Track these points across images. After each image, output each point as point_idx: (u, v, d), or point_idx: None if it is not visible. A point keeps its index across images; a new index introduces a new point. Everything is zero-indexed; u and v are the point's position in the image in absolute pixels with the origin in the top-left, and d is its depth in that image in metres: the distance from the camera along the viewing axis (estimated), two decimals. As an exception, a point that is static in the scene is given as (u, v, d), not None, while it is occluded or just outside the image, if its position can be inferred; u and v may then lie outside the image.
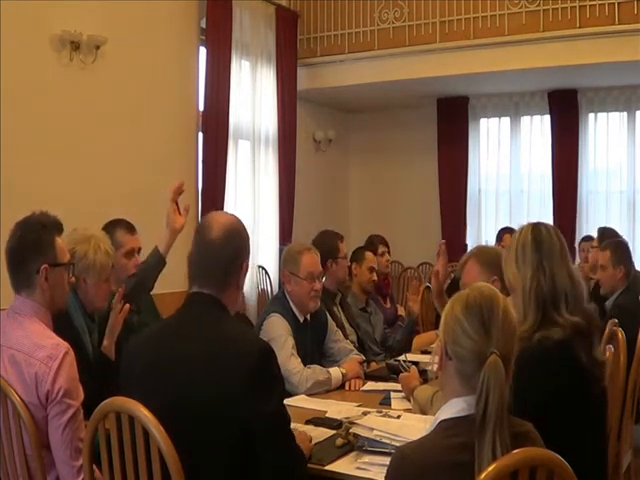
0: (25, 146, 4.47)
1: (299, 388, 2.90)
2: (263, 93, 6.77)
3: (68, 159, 4.78)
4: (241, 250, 1.91)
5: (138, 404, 1.62)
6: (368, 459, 2.01)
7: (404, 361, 3.14)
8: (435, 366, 1.60)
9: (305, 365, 2.99)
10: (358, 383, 3.07)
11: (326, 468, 2.00)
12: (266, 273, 6.83)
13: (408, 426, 2.13)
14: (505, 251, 2.06)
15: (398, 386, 2.86)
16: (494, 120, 8.07)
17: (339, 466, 2.01)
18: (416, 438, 1.56)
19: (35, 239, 2.08)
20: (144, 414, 1.60)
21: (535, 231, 2.02)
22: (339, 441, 2.14)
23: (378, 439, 2.04)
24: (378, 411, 2.48)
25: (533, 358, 1.73)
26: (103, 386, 2.01)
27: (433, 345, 2.54)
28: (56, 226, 2.15)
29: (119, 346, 2.51)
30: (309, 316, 3.26)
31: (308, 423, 2.36)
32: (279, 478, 1.77)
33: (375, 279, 4.26)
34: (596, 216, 7.47)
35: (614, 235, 4.66)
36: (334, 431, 2.24)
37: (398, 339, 4.13)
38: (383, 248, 4.87)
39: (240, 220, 1.98)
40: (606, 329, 2.97)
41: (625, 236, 5.30)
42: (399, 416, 2.35)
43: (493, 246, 4.29)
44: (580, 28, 5.93)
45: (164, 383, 1.74)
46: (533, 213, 7.74)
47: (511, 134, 7.93)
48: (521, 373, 1.51)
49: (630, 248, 4.08)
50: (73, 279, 2.25)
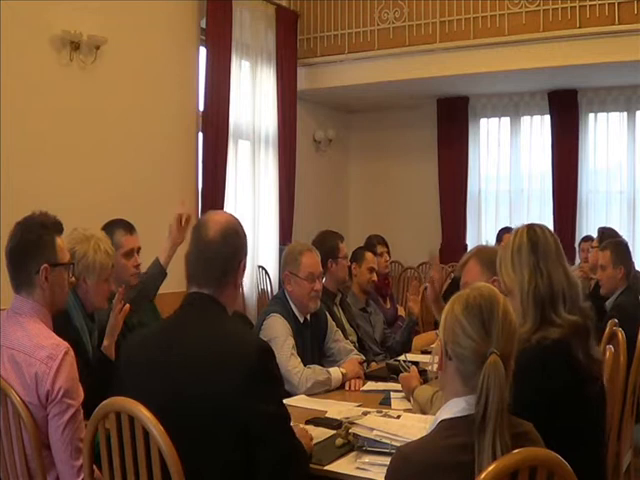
0: (25, 146, 4.47)
1: (299, 388, 2.90)
2: (263, 93, 6.77)
3: (68, 159, 4.79)
4: (238, 249, 1.90)
5: (138, 404, 1.62)
6: (368, 459, 2.00)
7: (404, 361, 3.14)
8: (435, 366, 1.60)
9: (305, 365, 2.99)
10: (358, 383, 3.06)
11: (326, 468, 2.00)
12: (266, 273, 6.83)
13: (408, 426, 2.13)
14: (500, 254, 2.05)
15: (398, 386, 2.86)
16: (494, 120, 8.07)
17: (339, 466, 2.01)
18: (416, 438, 1.56)
19: (35, 239, 2.08)
20: (144, 414, 1.60)
21: (530, 233, 2.02)
22: (339, 441, 2.14)
23: (378, 439, 2.04)
24: (378, 411, 2.48)
25: (532, 358, 1.73)
26: (103, 386, 2.01)
27: (433, 345, 2.54)
28: (56, 226, 2.16)
29: (119, 346, 2.51)
30: (309, 316, 3.26)
31: (308, 423, 2.36)
32: (280, 476, 1.77)
33: (375, 279, 4.25)
34: (596, 216, 7.48)
35: (614, 235, 4.66)
36: (334, 431, 2.24)
37: (398, 339, 4.12)
38: (382, 248, 4.86)
39: (237, 219, 1.97)
40: (606, 329, 2.97)
41: (625, 236, 5.30)
42: (399, 416, 2.35)
43: (494, 246, 4.28)
44: (580, 28, 5.94)
45: (163, 383, 1.74)
46: (533, 213, 7.75)
47: (511, 134, 7.93)
48: (520, 374, 1.51)
49: (630, 248, 4.08)
50: (73, 279, 2.25)
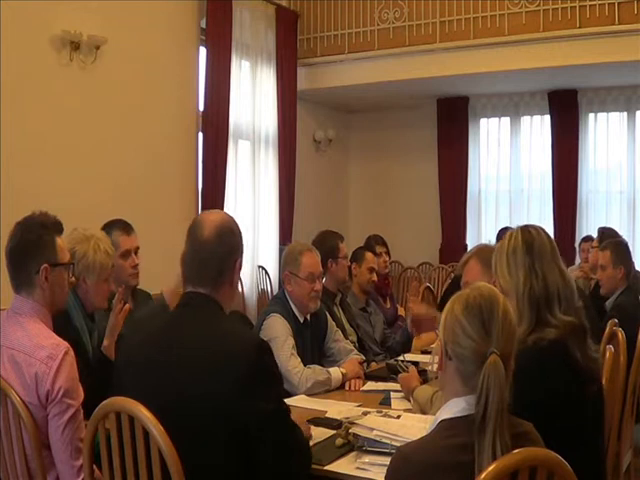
0: (25, 146, 4.47)
1: (299, 388, 2.89)
2: (263, 93, 6.77)
3: (68, 159, 4.79)
4: (234, 248, 1.90)
5: (138, 404, 1.62)
6: (368, 459, 2.00)
7: (402, 361, 3.14)
8: (435, 366, 1.60)
9: (305, 365, 2.99)
10: (358, 383, 3.06)
11: (326, 468, 1.99)
12: (266, 273, 6.83)
13: (408, 426, 2.13)
14: (495, 256, 2.05)
15: (398, 386, 2.85)
16: (494, 120, 8.08)
17: (339, 466, 2.01)
18: (416, 438, 1.56)
19: (35, 239, 2.08)
20: (144, 414, 1.60)
21: (525, 234, 2.02)
22: (339, 441, 2.14)
23: (378, 439, 2.04)
24: (378, 411, 2.48)
25: (529, 359, 1.73)
26: (103, 386, 2.00)
27: (433, 345, 2.54)
28: (56, 226, 2.15)
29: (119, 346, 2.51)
30: (309, 316, 3.26)
31: (308, 423, 2.35)
32: (281, 474, 1.77)
33: (375, 279, 4.25)
34: (596, 216, 7.48)
35: (614, 235, 4.66)
36: (334, 431, 2.24)
37: (398, 339, 4.12)
38: (381, 249, 4.85)
39: (232, 218, 1.97)
40: (606, 329, 2.97)
41: (625, 236, 5.30)
42: (399, 416, 2.35)
43: (495, 245, 4.28)
44: (580, 28, 5.94)
45: (162, 383, 1.73)
46: (533, 213, 7.76)
47: (511, 134, 7.94)
48: (518, 374, 1.51)
49: (630, 248, 4.08)
50: (73, 279, 2.25)
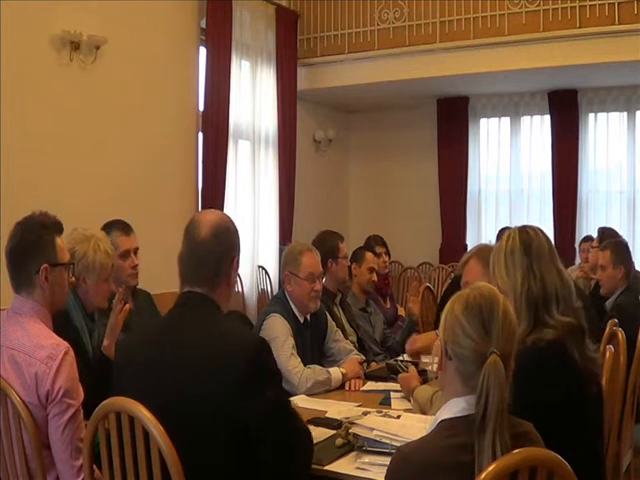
0: (25, 146, 4.47)
1: (299, 388, 2.89)
2: (263, 93, 6.77)
3: (68, 159, 4.79)
4: (230, 247, 1.90)
5: (138, 404, 1.62)
6: (368, 459, 2.00)
7: (402, 361, 3.14)
8: (435, 366, 1.60)
9: (305, 365, 2.99)
10: (358, 383, 3.06)
11: (326, 468, 2.00)
12: (266, 273, 6.83)
13: (408, 426, 2.13)
14: (493, 256, 2.05)
15: (398, 386, 2.86)
16: (494, 120, 8.07)
17: (339, 466, 2.01)
18: (416, 438, 1.56)
19: (35, 239, 2.08)
20: (144, 414, 1.60)
21: (523, 235, 2.02)
22: (339, 441, 2.14)
23: (378, 439, 2.04)
24: (378, 411, 2.48)
25: (528, 359, 1.73)
26: (103, 386, 2.00)
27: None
28: (56, 226, 2.16)
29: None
30: (309, 316, 3.26)
31: (308, 423, 2.35)
32: (283, 472, 1.77)
33: (375, 279, 4.25)
34: (596, 216, 7.48)
35: (614, 235, 4.66)
36: (334, 431, 2.24)
37: (398, 340, 4.12)
38: (381, 249, 4.85)
39: (228, 216, 1.97)
40: (606, 329, 2.97)
41: (625, 236, 5.30)
42: (399, 416, 2.35)
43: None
44: (580, 28, 5.94)
45: (161, 383, 1.73)
46: (533, 213, 7.76)
47: (511, 134, 7.93)
48: (517, 375, 1.51)
49: (630, 248, 4.08)
50: (73, 279, 2.25)
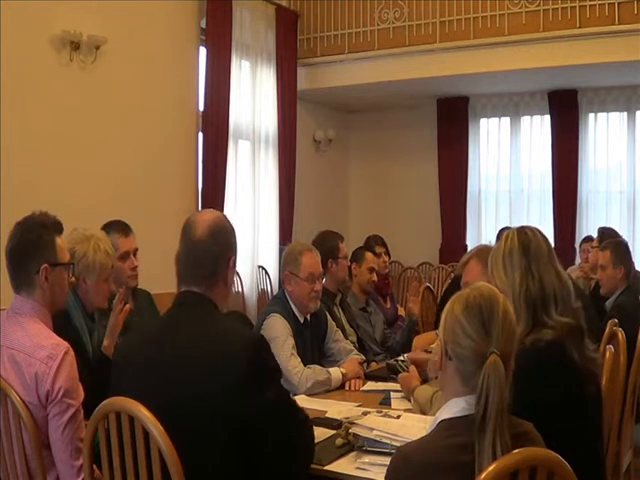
0: (25, 146, 4.46)
1: (299, 388, 2.89)
2: (263, 93, 6.77)
3: (68, 159, 4.78)
4: (227, 247, 1.91)
5: (138, 404, 1.62)
6: (368, 459, 2.00)
7: (402, 361, 3.14)
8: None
9: (305, 365, 2.99)
10: (358, 383, 3.06)
11: (326, 468, 1.99)
12: (266, 273, 6.83)
13: (408, 426, 2.13)
14: (492, 257, 2.05)
15: (398, 386, 2.86)
16: (494, 120, 8.07)
17: (339, 466, 2.01)
18: (416, 438, 1.56)
19: (35, 239, 2.08)
20: (144, 414, 1.60)
21: (521, 235, 2.02)
22: (339, 441, 2.13)
23: (378, 439, 2.04)
24: (378, 411, 2.48)
25: (526, 360, 1.73)
26: (103, 386, 2.01)
27: (433, 345, 2.54)
28: (56, 226, 2.16)
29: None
30: (309, 316, 3.26)
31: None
32: (282, 474, 1.77)
33: (375, 279, 4.25)
34: (596, 216, 7.48)
35: (614, 235, 4.66)
36: (334, 431, 2.24)
37: (398, 340, 4.12)
38: (381, 249, 4.85)
39: (225, 216, 1.97)
40: (606, 329, 2.97)
41: (625, 236, 5.30)
42: (399, 416, 2.35)
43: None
44: (580, 28, 5.94)
45: (161, 383, 1.73)
46: (533, 213, 7.76)
47: (511, 134, 7.93)
48: (517, 375, 1.51)
49: (630, 248, 4.08)
50: (73, 279, 2.25)
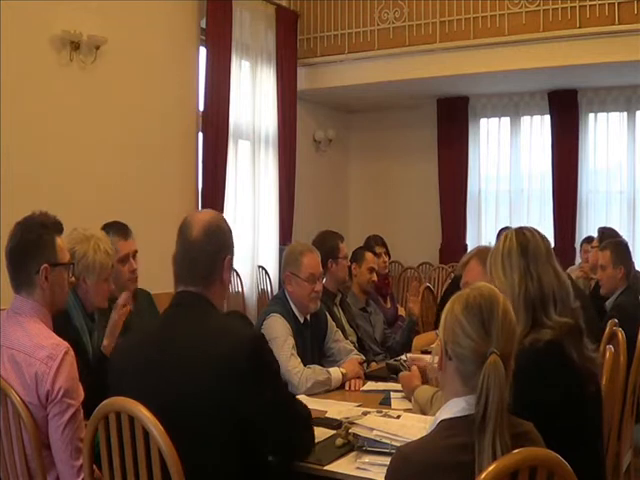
0: (25, 146, 4.47)
1: (299, 388, 2.89)
2: (263, 93, 6.77)
3: (68, 159, 4.79)
4: (223, 246, 1.91)
5: (138, 404, 1.62)
6: (368, 459, 2.00)
7: (404, 361, 3.14)
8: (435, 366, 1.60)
9: (305, 365, 2.99)
10: (358, 383, 3.06)
11: (326, 468, 1.99)
12: (266, 273, 6.83)
13: (408, 426, 2.13)
14: (490, 258, 2.05)
15: (398, 386, 2.85)
16: (494, 120, 8.08)
17: (339, 466, 2.01)
18: (416, 438, 1.56)
19: (35, 239, 2.08)
20: (144, 414, 1.60)
21: (520, 236, 2.02)
22: (339, 441, 2.13)
23: (378, 439, 2.04)
24: (378, 411, 2.48)
25: (526, 360, 1.73)
26: (103, 386, 2.01)
27: (433, 345, 2.54)
28: (56, 226, 2.16)
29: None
30: (309, 316, 3.25)
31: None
32: (282, 473, 1.77)
33: (375, 279, 4.25)
34: (596, 216, 7.48)
35: (614, 235, 4.66)
36: (334, 431, 2.23)
37: (398, 340, 4.12)
38: (381, 249, 4.85)
39: (221, 216, 1.98)
40: (606, 329, 2.97)
41: (625, 236, 5.30)
42: (399, 416, 2.34)
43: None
44: (580, 28, 5.94)
45: (160, 383, 1.73)
46: (533, 213, 7.76)
47: (511, 134, 7.94)
48: (517, 375, 1.51)
49: (630, 248, 4.08)
50: (73, 279, 2.25)
